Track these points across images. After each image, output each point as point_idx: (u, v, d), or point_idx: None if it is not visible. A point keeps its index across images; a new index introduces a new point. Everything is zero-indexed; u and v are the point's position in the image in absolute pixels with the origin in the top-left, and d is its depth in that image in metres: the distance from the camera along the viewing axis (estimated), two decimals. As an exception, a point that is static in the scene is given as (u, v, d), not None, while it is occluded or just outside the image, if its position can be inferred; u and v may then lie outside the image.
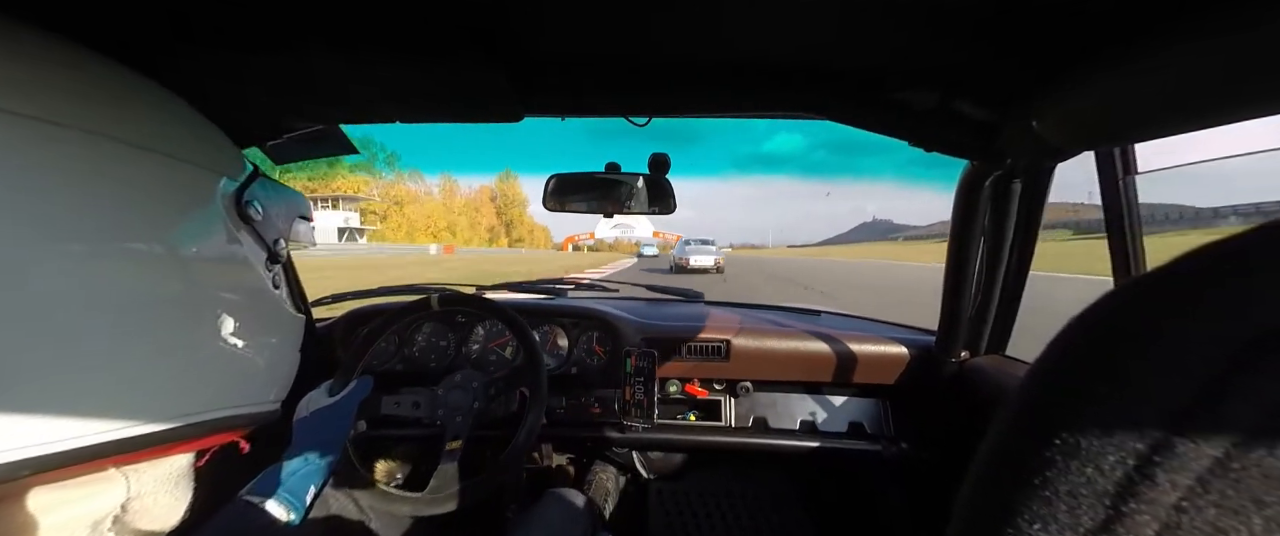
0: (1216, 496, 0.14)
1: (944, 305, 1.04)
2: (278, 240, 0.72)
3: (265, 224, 0.69)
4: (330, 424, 0.81)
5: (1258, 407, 0.14)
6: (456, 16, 0.54)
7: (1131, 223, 0.80)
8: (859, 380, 1.19)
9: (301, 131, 0.84)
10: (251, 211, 0.66)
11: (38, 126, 0.43)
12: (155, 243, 0.53)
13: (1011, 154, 0.75)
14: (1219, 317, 0.15)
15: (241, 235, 0.65)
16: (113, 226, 0.49)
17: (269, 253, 0.70)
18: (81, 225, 0.46)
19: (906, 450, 1.15)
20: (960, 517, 0.20)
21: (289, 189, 0.78)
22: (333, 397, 0.85)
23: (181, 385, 0.57)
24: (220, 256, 0.62)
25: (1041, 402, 0.18)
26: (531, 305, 1.29)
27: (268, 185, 0.72)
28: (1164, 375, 0.15)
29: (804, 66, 0.66)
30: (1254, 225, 0.16)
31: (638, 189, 1.03)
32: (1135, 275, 0.19)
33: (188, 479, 0.69)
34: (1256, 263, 0.15)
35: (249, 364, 0.68)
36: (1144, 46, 0.48)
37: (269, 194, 0.71)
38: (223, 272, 0.63)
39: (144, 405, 0.52)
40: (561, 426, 1.19)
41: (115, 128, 0.50)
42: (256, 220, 0.67)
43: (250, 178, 0.67)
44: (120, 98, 0.53)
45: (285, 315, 0.76)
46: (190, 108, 0.63)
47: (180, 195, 0.57)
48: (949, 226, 0.96)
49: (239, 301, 0.64)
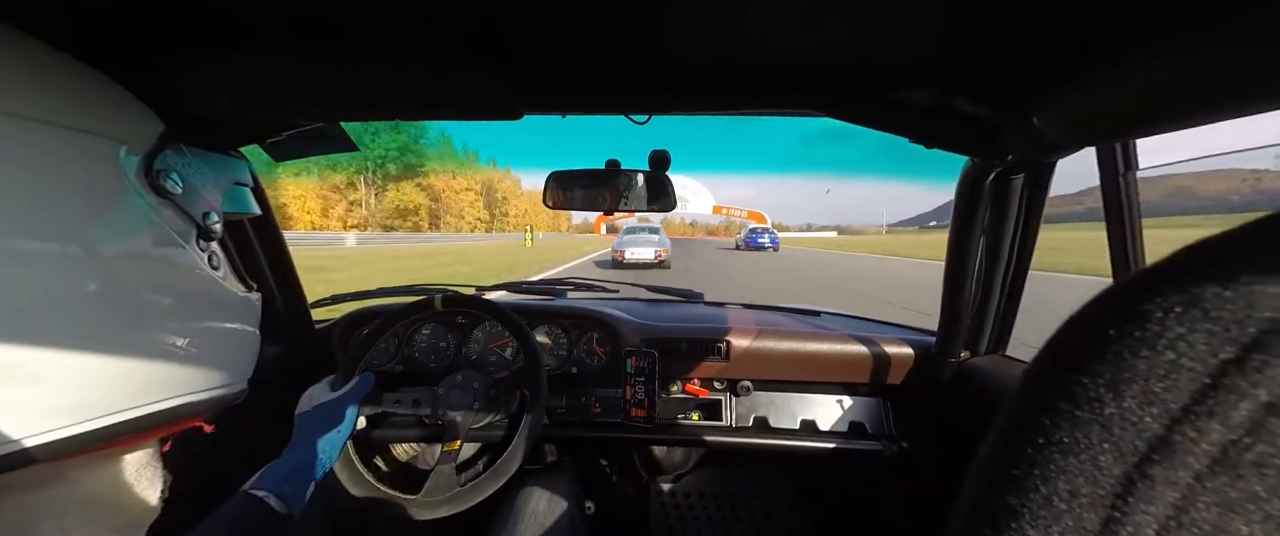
0: (1217, 495, 0.14)
1: (944, 304, 1.03)
2: (208, 213, 0.64)
3: (188, 196, 0.60)
4: (332, 419, 0.81)
5: (1257, 404, 0.14)
6: (456, 15, 0.54)
7: (1132, 219, 0.80)
8: (859, 380, 1.19)
9: (301, 129, 0.84)
10: (168, 184, 0.58)
11: None
12: (54, 230, 0.46)
13: (1012, 150, 0.75)
14: (1217, 315, 0.15)
15: (160, 212, 0.57)
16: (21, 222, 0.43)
17: (199, 229, 0.62)
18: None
19: (907, 449, 1.15)
20: (960, 517, 0.19)
21: (216, 154, 0.68)
22: (335, 392, 0.85)
23: (120, 380, 0.53)
24: (135, 240, 0.55)
25: (1040, 402, 0.18)
26: (531, 306, 1.29)
27: (184, 152, 0.63)
28: (1162, 373, 0.15)
29: (804, 64, 0.66)
30: (1251, 220, 0.16)
31: (638, 185, 1.03)
32: (1134, 271, 0.19)
33: (152, 467, 0.69)
34: (1255, 259, 0.15)
35: (195, 350, 0.63)
36: (1144, 43, 0.48)
37: (189, 161, 0.62)
38: (141, 258, 0.56)
39: (79, 404, 0.49)
40: (562, 426, 1.20)
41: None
42: (175, 194, 0.58)
43: (159, 144, 0.58)
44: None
45: (229, 295, 0.69)
46: (84, 66, 0.54)
47: (71, 170, 0.49)
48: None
49: (168, 288, 0.58)
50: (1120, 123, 0.57)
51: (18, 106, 0.44)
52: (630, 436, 1.18)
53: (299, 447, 0.73)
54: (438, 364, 1.24)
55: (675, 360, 1.19)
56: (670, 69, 0.68)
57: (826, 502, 1.40)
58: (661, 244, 12.63)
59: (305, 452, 0.73)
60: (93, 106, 0.52)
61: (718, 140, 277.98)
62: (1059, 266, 9.78)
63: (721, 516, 1.38)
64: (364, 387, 0.87)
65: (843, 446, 1.17)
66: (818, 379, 1.20)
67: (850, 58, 0.64)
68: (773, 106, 0.76)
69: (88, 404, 0.50)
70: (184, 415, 0.62)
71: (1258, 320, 0.14)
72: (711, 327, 1.22)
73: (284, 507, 0.62)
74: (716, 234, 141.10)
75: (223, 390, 0.68)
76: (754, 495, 1.42)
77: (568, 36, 0.60)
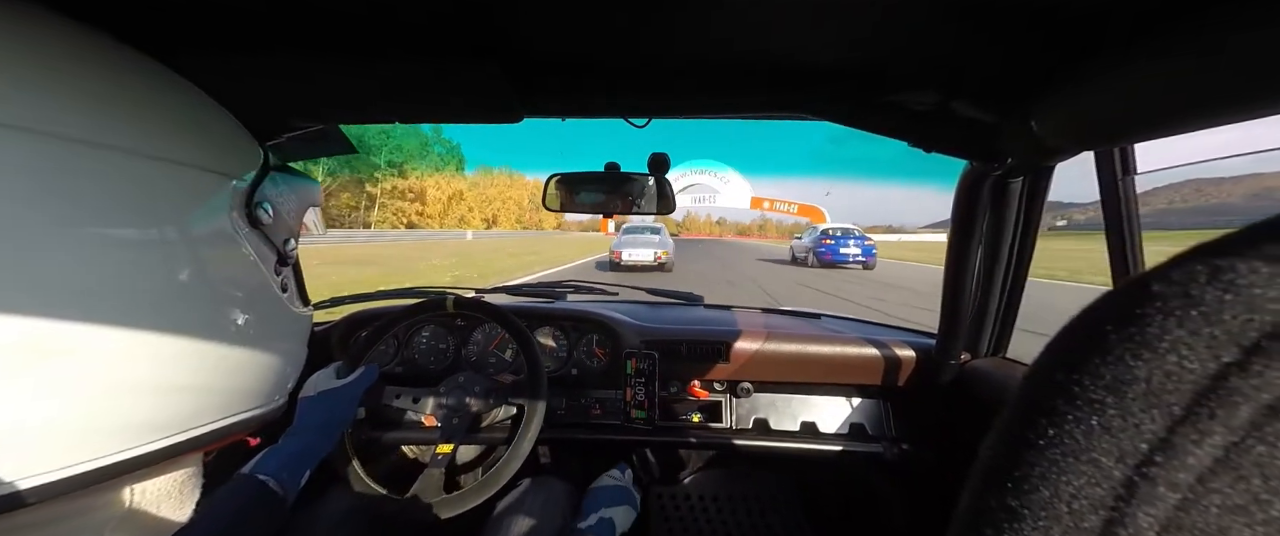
0: (1218, 497, 0.14)
1: (944, 306, 1.04)
2: (288, 240, 0.66)
3: (275, 225, 0.63)
4: (335, 407, 0.81)
5: (1258, 407, 0.14)
6: (456, 17, 0.54)
7: (1130, 223, 0.81)
8: (860, 382, 1.19)
9: (301, 131, 0.84)
10: (261, 214, 0.60)
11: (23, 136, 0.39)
12: (157, 260, 0.49)
13: (1011, 154, 0.75)
14: (1218, 318, 0.15)
15: (250, 242, 0.60)
16: (113, 243, 0.45)
17: (279, 255, 0.65)
18: (79, 244, 0.42)
19: (908, 451, 1.15)
20: (961, 520, 0.19)
21: (301, 177, 0.70)
22: (340, 381, 0.84)
23: (192, 399, 0.54)
24: (226, 271, 0.57)
25: (1041, 403, 0.18)
26: (531, 308, 1.29)
27: (279, 180, 0.65)
28: (1163, 375, 0.15)
29: (803, 68, 0.66)
30: (1251, 224, 0.16)
31: (636, 188, 1.04)
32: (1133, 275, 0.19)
33: (194, 482, 0.69)
34: (1255, 262, 0.15)
35: (258, 370, 0.65)
36: (1143, 47, 0.48)
37: (280, 189, 0.65)
38: (228, 286, 0.58)
39: (155, 422, 0.50)
40: (562, 428, 1.19)
41: (113, 135, 0.45)
42: (266, 223, 0.61)
43: (262, 173, 0.61)
44: (120, 99, 0.48)
45: (292, 316, 0.72)
46: (202, 96, 0.57)
47: (184, 207, 0.52)
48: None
49: (246, 312, 0.60)
50: (1119, 127, 0.57)
51: (144, 145, 0.46)
52: (630, 438, 1.18)
53: (299, 433, 0.73)
54: (437, 365, 1.24)
55: (675, 362, 1.19)
56: (670, 72, 0.68)
57: (827, 504, 1.39)
58: (663, 245, 11.92)
59: (306, 438, 0.72)
60: (208, 141, 0.54)
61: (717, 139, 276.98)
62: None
63: (722, 518, 1.38)
64: (368, 378, 0.87)
65: (843, 448, 1.17)
66: (818, 381, 1.20)
67: (850, 62, 0.64)
68: (772, 110, 0.76)
69: (153, 425, 0.50)
70: (235, 431, 0.63)
71: (1258, 323, 0.14)
72: (712, 329, 1.22)
73: (282, 491, 0.62)
74: (748, 234, 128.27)
75: (271, 406, 0.69)
76: (754, 497, 1.41)
77: (568, 38, 0.60)
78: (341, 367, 0.88)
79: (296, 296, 0.73)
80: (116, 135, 0.45)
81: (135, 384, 0.47)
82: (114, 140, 0.44)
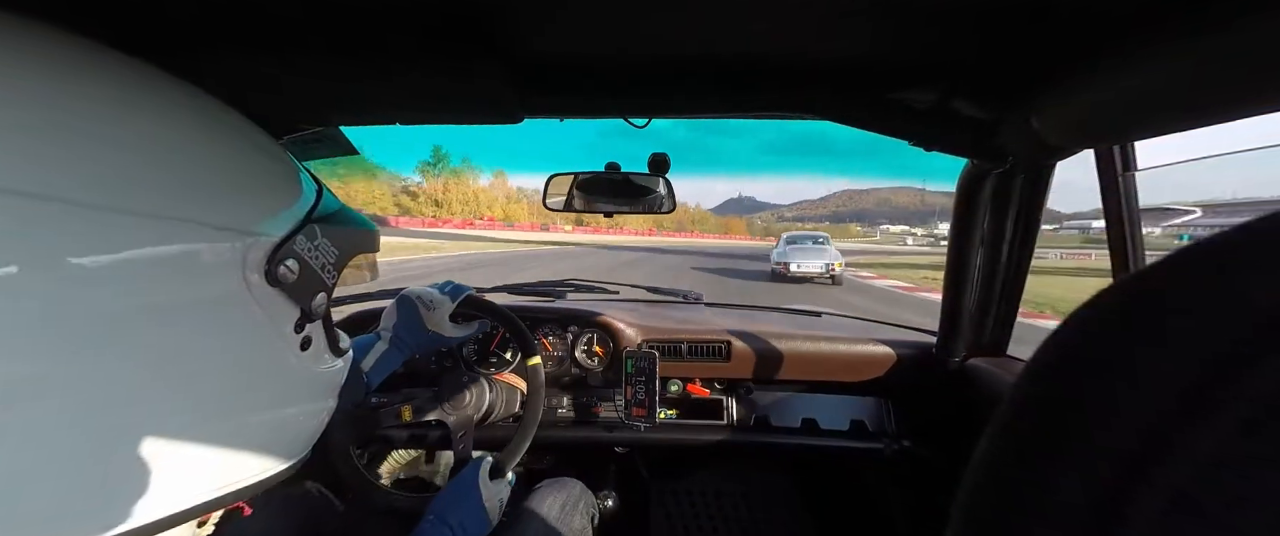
0: (1216, 493, 0.14)
1: (944, 304, 1.04)
2: (318, 295, 0.56)
3: (301, 283, 0.53)
4: (377, 352, 0.85)
5: (1256, 403, 0.14)
6: (456, 18, 0.54)
7: (1131, 219, 0.80)
8: (860, 379, 1.19)
9: (301, 133, 0.84)
10: (283, 272, 0.51)
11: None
12: (153, 332, 0.41)
13: (1011, 153, 0.75)
14: (1216, 313, 0.15)
15: (262, 303, 0.51)
16: (102, 315, 0.37)
17: (304, 312, 0.55)
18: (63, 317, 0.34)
19: (908, 448, 1.15)
20: (960, 516, 0.20)
21: (352, 223, 0.59)
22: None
23: (180, 478, 0.45)
24: (221, 341, 0.48)
25: (1037, 400, 0.18)
26: (531, 307, 1.30)
27: (317, 235, 0.55)
28: (1160, 372, 0.15)
29: (803, 67, 0.66)
30: (1248, 220, 0.16)
31: (636, 187, 1.04)
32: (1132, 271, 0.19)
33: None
34: (1253, 257, 0.15)
35: (273, 432, 0.57)
36: (1143, 45, 0.48)
37: (318, 241, 0.55)
38: (221, 357, 0.49)
39: (130, 506, 0.41)
40: (562, 427, 1.20)
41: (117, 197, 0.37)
42: (288, 282, 0.52)
43: (289, 234, 0.52)
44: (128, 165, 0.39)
45: (317, 373, 0.63)
46: (230, 132, 0.48)
47: (170, 270, 0.43)
48: (815, 208, 0.95)
49: (251, 380, 0.52)
50: (1119, 125, 0.57)
51: (154, 206, 0.39)
52: (630, 437, 1.18)
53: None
54: (437, 365, 1.24)
55: (675, 361, 1.19)
56: (670, 72, 0.68)
57: (827, 502, 1.40)
58: (834, 256, 11.54)
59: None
60: (215, 192, 0.46)
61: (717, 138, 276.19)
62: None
63: (722, 516, 1.38)
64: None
65: (843, 445, 1.17)
66: (818, 378, 1.21)
67: (850, 60, 0.64)
68: (772, 109, 0.76)
69: (126, 511, 0.40)
70: (233, 500, 0.51)
71: (1256, 319, 0.14)
72: (712, 328, 1.22)
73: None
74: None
75: (281, 469, 0.59)
76: (755, 494, 1.41)
77: (567, 38, 0.60)
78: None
79: (325, 350, 0.61)
80: (73, 188, 0.35)
81: (113, 459, 0.40)
82: (68, 194, 0.35)
